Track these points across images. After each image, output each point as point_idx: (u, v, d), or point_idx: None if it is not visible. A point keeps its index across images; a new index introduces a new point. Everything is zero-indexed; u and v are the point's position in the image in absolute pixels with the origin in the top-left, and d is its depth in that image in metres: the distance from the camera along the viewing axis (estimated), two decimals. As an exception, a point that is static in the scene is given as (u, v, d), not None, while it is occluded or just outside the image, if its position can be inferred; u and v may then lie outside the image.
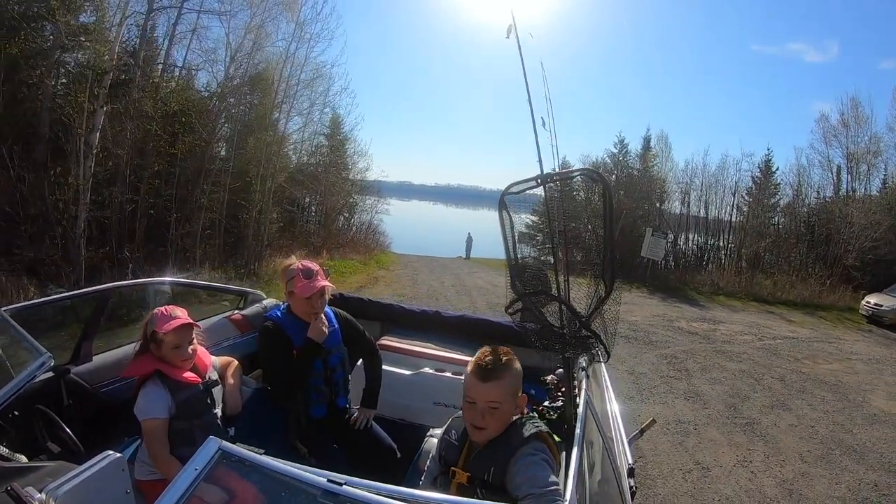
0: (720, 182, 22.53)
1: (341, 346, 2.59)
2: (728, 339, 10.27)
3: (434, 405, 3.05)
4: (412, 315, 3.65)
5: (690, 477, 4.62)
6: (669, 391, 6.82)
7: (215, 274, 11.56)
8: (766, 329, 11.85)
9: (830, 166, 20.93)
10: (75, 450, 2.04)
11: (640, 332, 9.98)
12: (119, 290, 3.02)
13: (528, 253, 2.48)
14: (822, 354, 9.84)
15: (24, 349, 2.11)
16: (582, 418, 1.82)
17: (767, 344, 10.25)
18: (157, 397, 2.05)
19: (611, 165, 23.22)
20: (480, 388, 1.64)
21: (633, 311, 12.17)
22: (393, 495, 1.08)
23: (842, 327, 13.43)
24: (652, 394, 6.66)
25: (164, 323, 2.08)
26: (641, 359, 8.17)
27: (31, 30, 10.69)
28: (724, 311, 13.97)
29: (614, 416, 2.73)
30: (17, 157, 9.90)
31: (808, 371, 8.46)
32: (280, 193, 16.63)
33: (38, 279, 9.58)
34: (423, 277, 15.36)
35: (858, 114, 20.01)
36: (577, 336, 2.00)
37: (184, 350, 2.13)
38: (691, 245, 22.64)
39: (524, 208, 2.38)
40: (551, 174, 2.07)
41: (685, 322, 11.66)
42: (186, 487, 1.13)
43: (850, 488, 4.73)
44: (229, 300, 3.81)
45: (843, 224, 18.96)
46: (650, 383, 7.04)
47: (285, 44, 15.23)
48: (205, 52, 14.15)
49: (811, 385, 7.70)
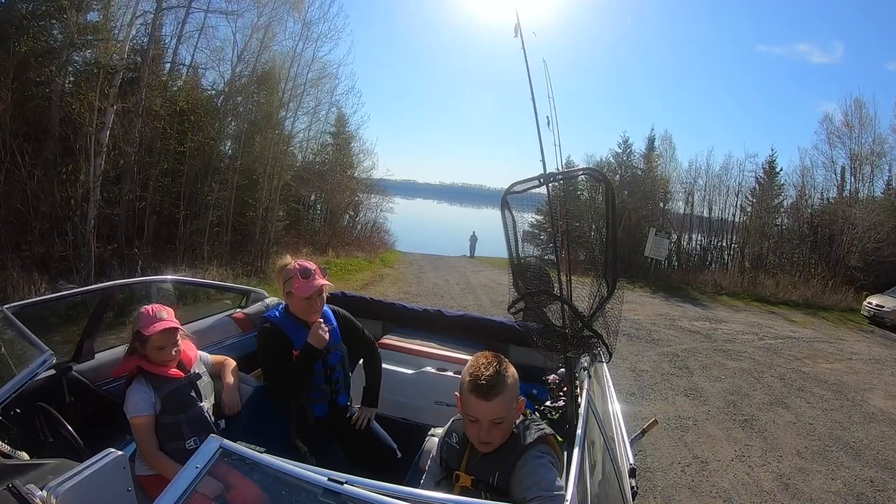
0: (724, 182, 22.56)
1: (340, 344, 2.57)
2: (729, 339, 10.34)
3: (436, 404, 3.03)
4: (414, 314, 3.64)
5: (689, 470, 4.71)
6: (670, 388, 6.91)
7: (222, 271, 11.69)
8: (768, 329, 11.90)
9: (834, 167, 20.83)
10: (77, 447, 2.04)
11: (643, 331, 10.07)
12: (122, 288, 3.03)
13: (532, 252, 2.51)
14: (822, 354, 9.88)
15: (26, 347, 2.10)
16: (583, 418, 1.81)
17: (768, 343, 10.30)
18: (140, 395, 2.07)
19: (615, 165, 23.27)
20: (483, 406, 1.57)
21: (636, 309, 12.26)
22: (394, 494, 1.08)
23: (843, 328, 13.39)
24: (653, 391, 6.75)
25: (149, 324, 2.09)
26: (643, 357, 8.26)
27: (40, 28, 10.78)
28: (726, 310, 14.02)
29: (616, 416, 2.72)
30: (28, 155, 9.98)
31: (808, 370, 8.52)
32: (286, 191, 16.72)
33: (49, 275, 9.71)
34: (428, 275, 15.48)
35: (862, 115, 19.89)
36: (579, 336, 1.99)
37: (167, 351, 2.14)
38: (694, 245, 22.60)
39: (528, 208, 2.30)
40: (554, 174, 2.05)
41: (687, 321, 11.74)
42: (187, 485, 1.13)
43: (846, 483, 4.81)
44: (231, 298, 3.81)
45: (847, 225, 18.87)
46: (651, 380, 7.13)
47: (292, 43, 15.38)
48: (212, 52, 14.23)
49: (811, 384, 7.77)
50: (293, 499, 1.20)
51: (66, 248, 10.12)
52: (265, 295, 3.71)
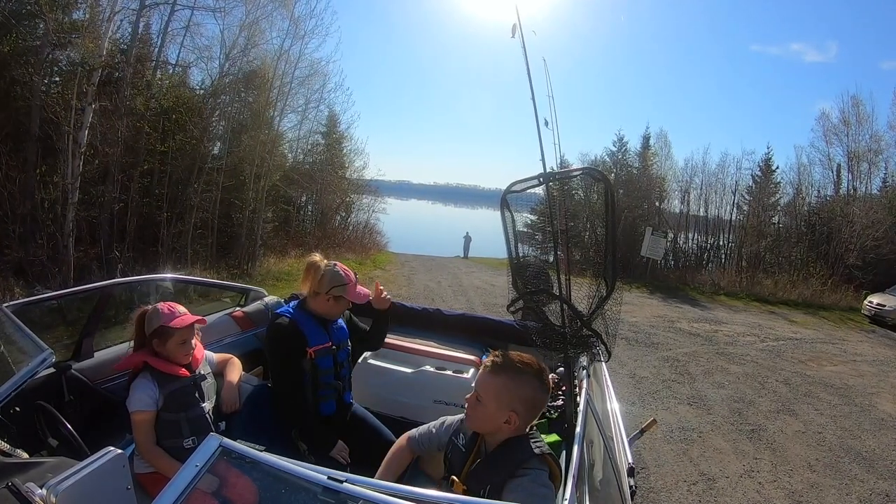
0: (720, 180, 22.56)
1: (348, 341, 2.61)
2: (730, 341, 10.10)
3: (434, 403, 3.04)
4: (413, 313, 3.67)
5: (696, 489, 4.42)
6: (672, 396, 6.63)
7: (207, 274, 11.34)
8: (769, 330, 11.70)
9: (831, 164, 20.92)
10: (76, 446, 2.05)
11: (641, 334, 9.80)
12: (121, 286, 3.07)
13: (529, 252, 2.48)
14: (826, 356, 9.73)
15: (25, 345, 2.11)
16: (582, 417, 1.83)
17: (770, 345, 10.11)
18: (144, 390, 2.09)
19: (610, 164, 23.11)
20: (479, 376, 1.68)
21: (634, 311, 12.02)
22: (393, 492, 1.08)
23: (845, 328, 13.34)
24: (654, 399, 6.47)
25: (172, 318, 2.12)
26: (643, 362, 7.98)
27: (23, 28, 10.49)
28: (725, 311, 13.83)
29: (614, 415, 2.73)
30: (8, 157, 9.81)
31: (812, 374, 8.29)
32: (275, 192, 16.41)
33: (26, 280, 9.35)
34: (420, 277, 15.18)
35: (860, 112, 20.02)
36: (578, 335, 2.02)
37: (188, 345, 2.20)
38: (691, 244, 22.40)
39: (526, 207, 2.31)
40: (553, 173, 2.06)
41: (686, 323, 11.50)
42: (187, 484, 1.13)
43: (861, 499, 4.58)
44: (230, 297, 3.85)
45: (845, 223, 18.94)
46: (652, 388, 6.85)
47: (280, 40, 15.21)
48: (199, 50, 14.16)
49: (817, 388, 7.54)
50: (293, 497, 1.20)
51: (44, 251, 9.73)
52: (264, 293, 3.75)
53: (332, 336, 2.51)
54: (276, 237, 17.08)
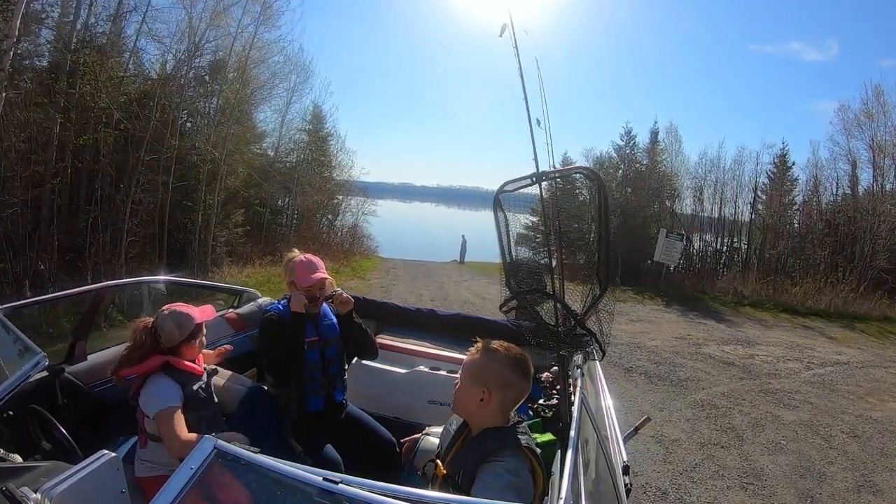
0: (736, 178, 21.59)
1: (339, 339, 2.67)
2: (772, 371, 8.51)
3: (429, 403, 3.10)
4: (407, 313, 3.76)
5: None
6: (718, 472, 4.86)
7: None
8: (809, 351, 10.32)
9: (852, 158, 20.22)
10: (70, 449, 2.10)
11: (664, 365, 8.04)
12: (113, 289, 3.27)
13: (526, 253, 2.43)
14: (885, 387, 8.40)
15: (18, 348, 2.11)
16: (577, 416, 1.89)
17: (818, 374, 8.73)
18: (168, 387, 2.13)
19: (617, 160, 21.82)
20: (469, 354, 1.78)
21: (651, 332, 10.34)
22: (389, 493, 1.09)
23: (889, 344, 12.12)
24: (692, 480, 4.65)
25: (192, 318, 2.22)
26: (671, 411, 6.22)
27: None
28: (754, 326, 12.42)
29: (609, 413, 2.69)
30: None
31: (878, 415, 7.02)
32: (247, 193, 14.66)
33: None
34: (400, 288, 13.73)
35: (883, 103, 19.26)
36: (572, 334, 2.10)
37: (203, 342, 2.33)
38: (705, 247, 20.56)
39: (524, 209, 2.29)
40: (546, 172, 2.16)
41: (715, 346, 9.79)
42: (182, 487, 1.16)
43: None
44: (224, 299, 3.95)
45: (870, 223, 18.08)
46: (688, 458, 5.04)
47: (237, 25, 14.20)
48: (150, 35, 13.01)
49: (891, 441, 6.06)
50: (288, 499, 1.20)
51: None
52: (258, 295, 3.77)
53: (320, 331, 2.60)
54: (247, 243, 15.25)
